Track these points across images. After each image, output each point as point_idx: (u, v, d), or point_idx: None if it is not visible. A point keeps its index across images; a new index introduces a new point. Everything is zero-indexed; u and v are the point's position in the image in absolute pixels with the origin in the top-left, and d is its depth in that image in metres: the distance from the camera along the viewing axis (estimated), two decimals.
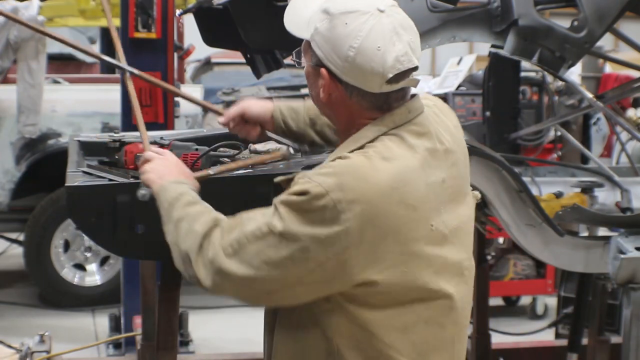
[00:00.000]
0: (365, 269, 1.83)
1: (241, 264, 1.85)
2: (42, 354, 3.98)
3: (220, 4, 3.26)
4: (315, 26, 1.91)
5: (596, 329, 4.02)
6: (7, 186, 6.25)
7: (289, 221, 1.81)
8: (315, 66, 1.93)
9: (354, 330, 1.88)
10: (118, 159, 2.66)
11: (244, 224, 1.87)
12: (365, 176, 1.82)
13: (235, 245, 1.85)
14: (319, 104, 2.01)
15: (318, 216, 1.79)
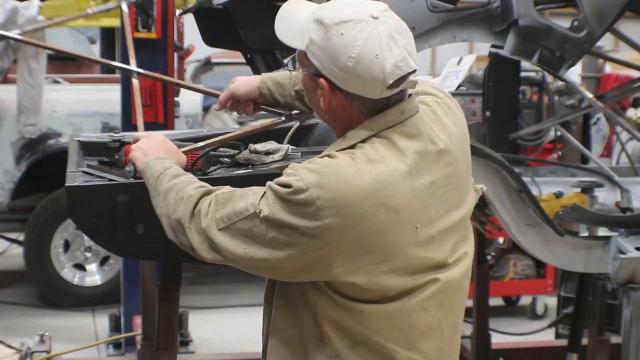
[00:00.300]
0: (346, 270, 1.86)
1: (231, 239, 1.91)
2: (42, 354, 3.98)
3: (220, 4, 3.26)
4: (310, 37, 1.90)
5: (596, 329, 4.02)
6: (7, 186, 6.25)
7: (273, 207, 1.86)
8: (313, 76, 1.94)
9: (341, 316, 1.91)
10: (118, 159, 2.66)
11: (236, 201, 1.92)
12: (347, 178, 1.84)
13: (226, 220, 1.91)
14: (319, 112, 2.01)
15: (299, 209, 1.84)
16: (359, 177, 1.84)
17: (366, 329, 1.91)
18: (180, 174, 2.09)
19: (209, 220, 1.93)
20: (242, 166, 2.68)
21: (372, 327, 1.91)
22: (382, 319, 1.91)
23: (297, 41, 1.94)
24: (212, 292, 6.81)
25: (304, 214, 1.84)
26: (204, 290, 6.83)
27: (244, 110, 2.64)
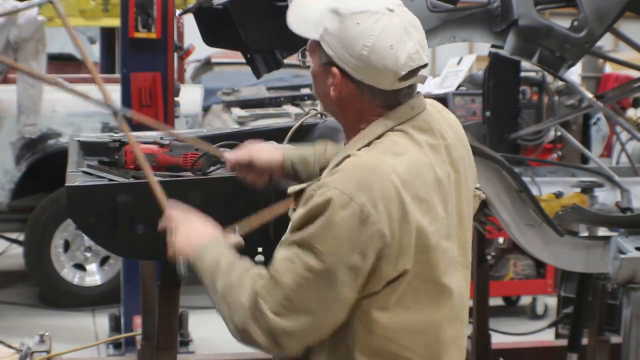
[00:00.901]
0: (396, 263, 1.85)
1: (300, 316, 1.84)
2: (42, 354, 3.97)
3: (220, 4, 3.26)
4: (325, 26, 1.92)
5: (596, 329, 4.02)
6: (7, 186, 6.24)
7: (325, 251, 1.81)
8: (325, 65, 1.94)
9: (369, 337, 1.90)
10: (118, 159, 2.66)
11: (282, 279, 1.84)
12: (380, 173, 1.84)
13: (287, 303, 1.84)
14: (327, 103, 2.01)
15: (348, 225, 1.80)
16: (391, 170, 1.85)
17: (396, 345, 1.90)
18: (233, 267, 1.96)
19: (269, 318, 1.84)
20: None
21: (403, 343, 1.91)
22: (412, 334, 1.92)
23: (310, 31, 1.95)
24: None
25: (354, 227, 1.80)
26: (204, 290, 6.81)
27: (255, 181, 2.42)
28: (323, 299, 1.83)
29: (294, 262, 1.83)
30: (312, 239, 1.81)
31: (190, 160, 2.53)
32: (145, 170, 2.19)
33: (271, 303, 1.83)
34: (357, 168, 1.85)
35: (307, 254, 1.82)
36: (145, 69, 4.99)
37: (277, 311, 1.83)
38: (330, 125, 3.11)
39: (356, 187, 1.81)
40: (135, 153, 2.26)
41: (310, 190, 1.87)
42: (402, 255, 1.84)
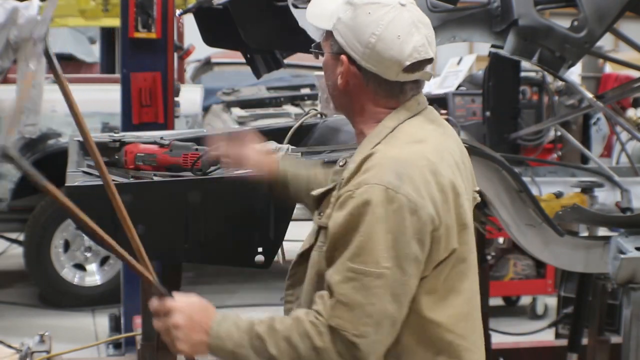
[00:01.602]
0: (447, 243, 1.90)
1: (383, 325, 1.82)
2: (42, 354, 3.97)
3: (220, 4, 3.26)
4: (338, 16, 1.97)
5: (596, 329, 4.02)
6: (7, 186, 6.24)
7: (384, 250, 1.80)
8: (335, 54, 1.99)
9: (419, 326, 1.91)
10: (118, 159, 2.66)
11: (355, 299, 1.80)
12: (413, 160, 1.88)
13: (368, 320, 1.80)
14: (336, 93, 2.04)
15: (400, 218, 1.81)
16: (421, 156, 1.89)
17: (452, 334, 1.93)
18: (272, 325, 1.87)
19: (357, 342, 1.80)
20: None
21: (458, 331, 1.94)
22: (464, 321, 1.95)
23: (324, 22, 2.00)
24: (212, 292, 6.81)
25: (405, 219, 1.82)
26: (204, 290, 6.82)
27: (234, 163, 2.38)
28: (397, 298, 1.83)
29: (358, 277, 1.80)
30: (367, 242, 1.81)
31: (190, 160, 2.53)
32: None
33: (353, 328, 1.79)
34: (389, 160, 1.87)
35: (368, 262, 1.80)
36: (145, 69, 4.99)
37: (362, 333, 1.80)
38: (330, 125, 3.11)
39: (397, 179, 1.83)
40: None
41: (346, 192, 1.86)
42: (449, 235, 1.89)
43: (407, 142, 1.92)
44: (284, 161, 2.35)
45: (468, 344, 1.96)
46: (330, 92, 2.07)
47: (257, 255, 2.52)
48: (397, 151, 1.89)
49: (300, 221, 3.41)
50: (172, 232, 2.44)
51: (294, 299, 2.08)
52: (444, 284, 1.91)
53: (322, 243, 1.95)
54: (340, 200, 1.86)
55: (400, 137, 1.93)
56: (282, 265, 2.84)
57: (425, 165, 1.88)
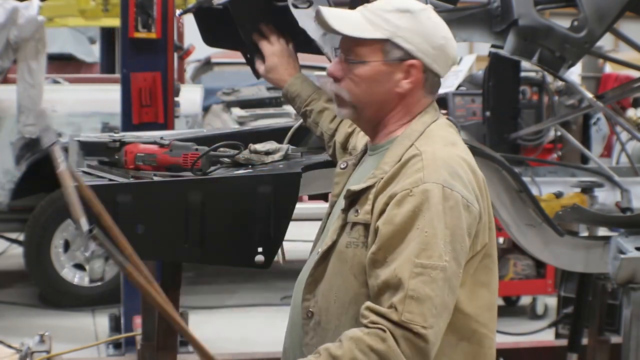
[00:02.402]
0: (483, 238, 2.00)
1: (443, 316, 1.89)
2: (42, 354, 3.97)
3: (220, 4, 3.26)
4: (396, 24, 2.03)
5: (596, 329, 4.02)
6: (7, 186, 6.24)
7: (443, 244, 1.89)
8: (396, 61, 2.03)
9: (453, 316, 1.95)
10: (118, 159, 2.66)
11: (423, 292, 1.86)
12: (457, 161, 1.98)
13: (435, 311, 1.87)
14: (382, 100, 2.07)
15: (456, 214, 1.91)
16: (460, 157, 2.00)
17: (475, 322, 2.01)
18: (331, 353, 1.88)
19: (426, 334, 1.84)
20: (242, 166, 2.68)
21: (482, 320, 2.02)
22: (487, 311, 2.03)
23: (372, 32, 2.03)
24: (212, 292, 6.81)
25: (460, 216, 1.91)
26: (204, 290, 6.83)
27: None
28: (453, 290, 1.91)
29: (426, 272, 1.87)
30: (431, 237, 1.88)
31: (190, 160, 2.53)
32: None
33: (423, 321, 1.85)
34: (440, 161, 1.95)
35: (433, 256, 1.88)
36: (145, 69, 4.99)
37: (430, 324, 1.86)
38: None
39: (450, 177, 1.93)
40: None
41: (402, 190, 1.92)
42: (484, 231, 1.99)
43: (444, 144, 2.00)
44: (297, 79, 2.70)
45: (488, 331, 2.04)
46: (369, 101, 2.08)
47: (257, 255, 2.52)
48: (444, 152, 1.97)
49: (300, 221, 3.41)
50: (172, 232, 2.44)
51: (312, 297, 2.09)
52: (473, 277, 1.99)
53: (357, 239, 2.00)
54: (397, 198, 1.92)
55: (434, 139, 2.01)
56: (282, 265, 2.84)
57: (467, 166, 1.99)
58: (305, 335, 2.08)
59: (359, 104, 2.08)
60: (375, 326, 1.86)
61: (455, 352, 2.00)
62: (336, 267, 2.02)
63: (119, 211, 2.36)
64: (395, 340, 1.84)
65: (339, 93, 2.10)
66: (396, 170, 1.97)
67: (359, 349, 1.85)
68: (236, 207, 2.48)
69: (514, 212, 3.17)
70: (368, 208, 1.98)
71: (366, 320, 1.88)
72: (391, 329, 1.85)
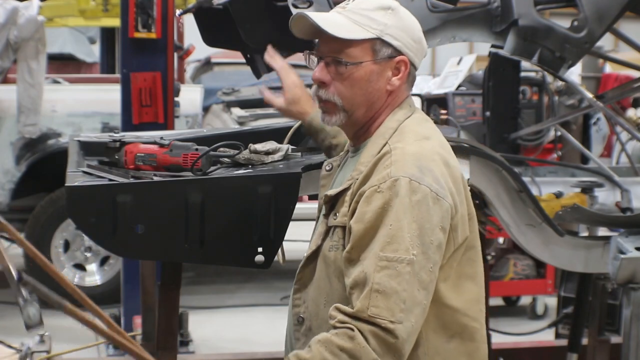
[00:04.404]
0: (462, 231, 1.98)
1: (414, 311, 1.86)
2: (42, 354, 3.98)
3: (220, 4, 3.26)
4: (384, 22, 2.02)
5: (596, 329, 4.02)
6: (7, 186, 6.24)
7: (412, 237, 1.87)
8: (386, 59, 2.02)
9: (437, 310, 1.96)
10: (118, 159, 2.66)
11: (389, 286, 1.84)
12: (429, 155, 1.96)
13: (403, 306, 1.84)
14: (372, 99, 2.05)
15: (424, 207, 1.88)
16: (433, 151, 1.98)
17: (466, 317, 2.00)
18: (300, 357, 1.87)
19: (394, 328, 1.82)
20: (242, 166, 2.68)
21: (471, 314, 2.01)
22: (477, 304, 2.02)
23: (361, 33, 2.01)
24: (212, 292, 6.81)
25: (430, 208, 1.89)
26: (204, 290, 6.83)
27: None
28: (424, 284, 1.88)
29: (391, 265, 1.85)
30: (396, 231, 1.86)
31: (190, 160, 2.53)
32: None
33: (390, 315, 1.83)
34: (409, 156, 1.93)
35: (399, 249, 1.86)
36: (145, 69, 4.99)
37: (398, 319, 1.83)
38: None
39: (419, 171, 1.91)
40: None
41: (370, 187, 1.92)
42: (463, 223, 1.99)
43: (416, 139, 1.98)
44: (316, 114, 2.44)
45: (479, 325, 2.03)
46: (360, 102, 2.05)
47: (257, 255, 2.52)
48: (414, 147, 1.95)
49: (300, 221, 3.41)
50: (172, 232, 2.43)
51: (301, 303, 2.09)
52: (457, 271, 1.98)
53: (337, 242, 1.99)
54: (366, 195, 1.92)
55: (407, 134, 2.00)
56: (282, 265, 2.84)
57: (439, 159, 1.97)
58: (297, 341, 2.07)
59: (350, 108, 2.05)
60: (343, 325, 1.84)
61: (449, 350, 1.98)
62: (323, 271, 2.02)
63: (119, 211, 2.36)
64: (364, 337, 1.81)
65: (329, 99, 2.05)
66: (370, 170, 1.96)
67: (329, 351, 1.82)
68: (236, 207, 2.48)
69: (514, 212, 3.17)
70: (345, 210, 1.97)
71: (333, 320, 1.87)
72: (359, 326, 1.82)
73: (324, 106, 2.07)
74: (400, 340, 1.82)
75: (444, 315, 1.96)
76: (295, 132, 2.98)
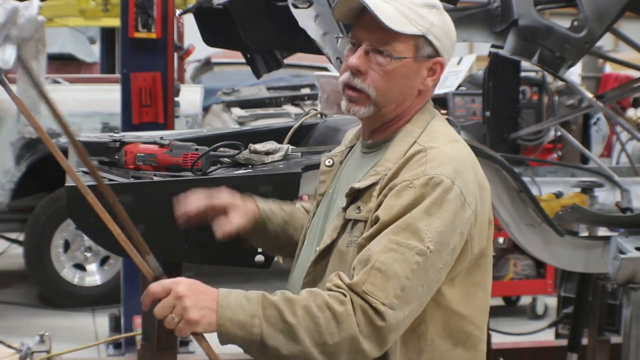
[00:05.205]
0: (479, 242, 1.95)
1: (410, 304, 1.82)
2: (42, 354, 3.97)
3: (220, 4, 3.26)
4: (430, 20, 1.97)
5: (596, 329, 4.02)
6: (7, 186, 6.24)
7: (433, 232, 1.84)
8: (425, 58, 1.99)
9: (446, 319, 1.94)
10: (118, 159, 2.66)
11: (393, 269, 1.80)
12: (462, 159, 1.94)
13: (401, 293, 1.80)
14: (405, 97, 2.01)
15: (453, 207, 1.86)
16: (464, 155, 1.97)
17: (472, 325, 1.97)
18: (287, 296, 1.81)
19: (384, 312, 1.78)
20: (242, 166, 2.68)
21: (477, 322, 1.99)
22: (484, 312, 2.01)
23: (410, 27, 1.96)
24: None
25: (457, 210, 1.87)
26: None
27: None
28: (429, 282, 1.85)
29: (400, 249, 1.82)
30: (418, 220, 1.84)
31: (190, 160, 2.53)
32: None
33: (384, 297, 1.78)
34: (444, 156, 1.92)
35: (411, 237, 1.83)
36: (145, 69, 4.99)
37: (391, 304, 1.79)
38: (330, 125, 3.11)
39: (454, 172, 1.89)
40: None
41: (402, 182, 1.88)
42: (481, 233, 1.95)
43: (448, 141, 1.97)
44: (260, 202, 2.27)
45: (481, 334, 2.01)
46: (394, 97, 2.00)
47: (257, 255, 2.52)
48: (448, 149, 1.94)
49: None
50: (172, 232, 2.44)
51: None
52: (467, 278, 1.96)
53: (358, 237, 1.93)
54: (397, 189, 1.88)
55: (437, 135, 1.98)
56: (282, 265, 2.84)
57: (470, 165, 1.95)
58: None
59: (382, 102, 1.99)
60: (338, 290, 1.81)
61: (453, 358, 1.96)
62: (336, 266, 1.97)
63: None
64: (353, 308, 1.78)
65: (363, 89, 1.98)
66: (400, 166, 1.93)
67: (316, 303, 1.78)
68: None
69: (514, 212, 3.17)
70: (372, 205, 1.93)
71: (330, 283, 1.83)
72: (351, 296, 1.79)
73: (355, 96, 1.99)
74: (387, 326, 1.78)
75: (451, 322, 1.94)
76: (295, 132, 2.98)
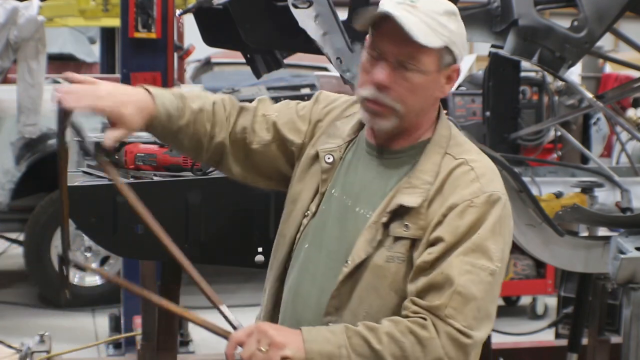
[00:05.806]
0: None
1: (486, 322, 1.87)
2: (42, 354, 3.97)
3: (220, 4, 3.26)
4: (450, 29, 1.90)
5: (596, 329, 4.02)
6: (7, 186, 6.24)
7: (497, 250, 1.88)
8: (445, 67, 1.94)
9: None
10: (118, 159, 2.66)
11: (471, 291, 1.83)
12: (497, 169, 1.98)
13: (478, 314, 1.84)
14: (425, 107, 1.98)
15: (507, 222, 1.92)
16: (494, 166, 1.98)
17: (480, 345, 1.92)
18: (369, 324, 1.82)
19: (466, 332, 1.81)
20: None
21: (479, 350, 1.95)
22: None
23: (437, 40, 1.88)
24: None
25: (510, 225, 1.94)
26: None
27: None
28: (495, 300, 1.91)
29: (474, 271, 1.85)
30: (486, 240, 1.86)
31: (190, 160, 2.53)
32: None
33: (463, 319, 1.81)
34: (489, 170, 1.95)
35: (482, 257, 1.86)
36: (145, 69, 4.99)
37: (470, 325, 1.82)
38: None
39: (502, 187, 1.93)
40: None
41: (462, 201, 1.87)
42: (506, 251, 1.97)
43: (477, 151, 1.99)
44: (159, 100, 2.02)
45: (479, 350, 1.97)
46: (416, 109, 1.95)
47: (257, 255, 2.53)
48: (487, 161, 1.96)
49: None
50: (172, 232, 2.44)
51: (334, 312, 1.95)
52: None
53: (402, 254, 1.89)
54: (459, 209, 1.87)
55: (466, 145, 1.99)
56: None
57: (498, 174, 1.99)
58: None
59: (406, 114, 1.93)
60: (416, 315, 1.81)
61: None
62: (370, 282, 1.90)
63: (119, 211, 2.36)
64: (436, 331, 1.79)
65: (389, 104, 1.90)
66: (443, 180, 1.90)
67: (398, 329, 1.79)
68: (236, 207, 2.48)
69: (514, 212, 3.15)
70: (422, 223, 1.88)
71: (407, 310, 1.83)
72: (433, 320, 1.80)
73: (379, 110, 1.91)
74: (473, 342, 1.81)
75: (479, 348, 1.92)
76: None
